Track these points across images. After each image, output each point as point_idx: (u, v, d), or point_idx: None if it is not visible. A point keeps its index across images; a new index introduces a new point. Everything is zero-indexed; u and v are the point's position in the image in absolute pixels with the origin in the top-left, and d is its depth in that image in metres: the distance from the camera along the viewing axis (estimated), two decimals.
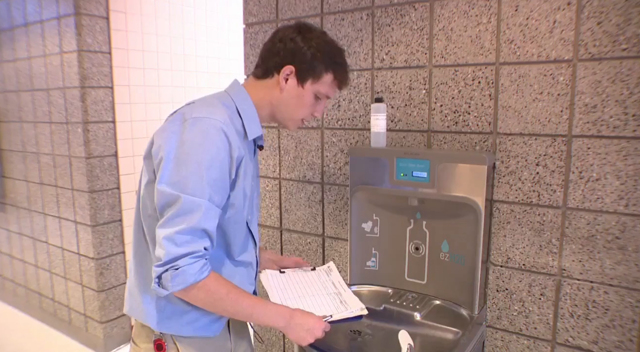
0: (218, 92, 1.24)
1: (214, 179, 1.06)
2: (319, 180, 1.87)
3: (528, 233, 1.46)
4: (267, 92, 1.23)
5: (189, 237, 1.03)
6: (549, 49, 1.36)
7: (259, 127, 1.24)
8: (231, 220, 1.17)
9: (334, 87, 1.25)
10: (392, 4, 1.60)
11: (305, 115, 1.26)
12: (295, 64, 1.18)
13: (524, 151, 1.44)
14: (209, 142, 1.07)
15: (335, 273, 1.52)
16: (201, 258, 1.05)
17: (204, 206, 1.04)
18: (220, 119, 1.10)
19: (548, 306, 1.46)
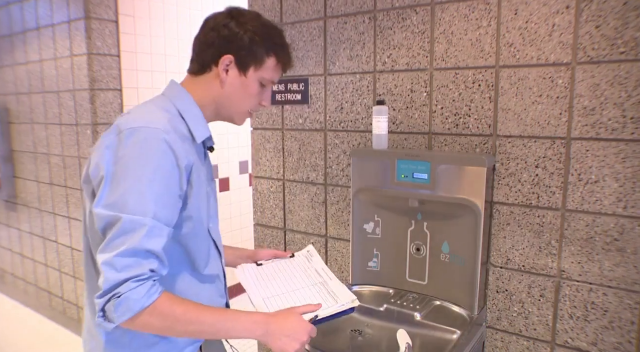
0: (156, 97, 1.15)
1: (158, 194, 0.96)
2: (322, 181, 1.90)
3: (527, 235, 1.47)
4: (207, 88, 1.14)
5: (131, 259, 0.92)
6: (548, 52, 1.37)
7: (207, 128, 1.15)
8: (191, 234, 1.08)
9: (278, 70, 1.17)
10: (393, 7, 1.62)
11: (253, 106, 1.18)
12: (233, 52, 1.09)
13: (524, 153, 1.45)
14: (148, 154, 0.97)
15: (316, 258, 1.42)
16: (147, 280, 0.93)
17: (147, 225, 0.93)
18: (160, 126, 0.99)
19: (547, 307, 1.47)
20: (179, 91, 1.13)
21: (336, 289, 1.25)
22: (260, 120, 2.04)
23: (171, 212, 0.99)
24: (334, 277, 1.32)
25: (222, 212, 3.71)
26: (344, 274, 1.90)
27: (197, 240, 1.10)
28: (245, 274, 1.35)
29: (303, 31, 1.85)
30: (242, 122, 1.22)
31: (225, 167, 3.72)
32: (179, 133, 1.04)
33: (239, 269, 1.37)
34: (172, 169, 0.99)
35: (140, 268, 0.93)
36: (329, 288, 1.26)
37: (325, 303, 1.19)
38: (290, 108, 1.94)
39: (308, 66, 1.86)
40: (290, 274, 1.35)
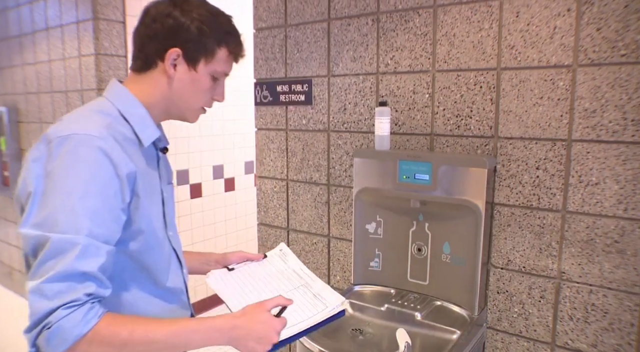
0: (95, 100, 1.05)
1: (94, 209, 0.86)
2: (325, 182, 1.91)
3: (528, 236, 1.48)
4: (154, 85, 1.03)
5: (63, 284, 0.81)
6: (549, 55, 1.38)
7: (155, 129, 1.05)
8: (144, 248, 0.99)
9: (230, 62, 1.09)
10: (396, 9, 1.64)
11: (206, 102, 1.10)
12: (180, 45, 1.00)
13: (525, 155, 1.46)
14: (81, 164, 0.87)
15: (291, 257, 1.31)
16: (82, 305, 0.82)
17: (80, 244, 0.83)
18: (95, 132, 0.90)
19: (548, 308, 1.48)
20: (120, 91, 1.03)
21: (322, 292, 1.15)
22: (264, 120, 2.06)
23: (111, 229, 0.89)
24: (315, 277, 1.22)
25: (227, 212, 3.74)
26: (346, 274, 1.92)
27: (153, 253, 1.01)
28: (218, 281, 1.23)
29: (307, 33, 1.87)
30: (195, 120, 1.12)
31: (230, 167, 3.75)
32: (121, 138, 0.95)
33: (210, 276, 1.25)
34: (110, 180, 0.89)
35: (74, 293, 0.82)
36: (314, 291, 1.17)
37: (315, 308, 1.09)
38: (294, 109, 1.96)
39: (312, 67, 1.88)
40: (267, 277, 1.24)
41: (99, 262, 0.86)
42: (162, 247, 1.05)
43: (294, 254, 1.31)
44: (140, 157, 1.00)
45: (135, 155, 0.98)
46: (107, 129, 0.93)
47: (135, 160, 0.97)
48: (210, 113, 3.61)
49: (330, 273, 1.96)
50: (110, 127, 0.95)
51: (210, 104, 1.12)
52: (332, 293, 1.14)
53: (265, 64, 2.02)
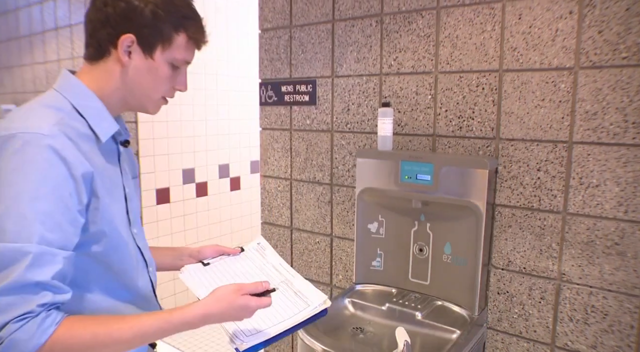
0: (45, 94, 0.96)
1: (46, 213, 0.80)
2: (328, 181, 1.93)
3: (529, 237, 1.49)
4: (108, 75, 0.96)
5: (15, 297, 0.76)
6: (551, 57, 1.39)
7: (112, 122, 0.98)
8: (109, 250, 0.94)
9: (190, 48, 1.01)
10: (400, 11, 1.65)
11: (166, 92, 1.02)
12: (134, 30, 0.93)
13: (526, 156, 1.46)
14: (29, 166, 0.80)
15: (270, 251, 1.25)
16: (34, 316, 0.77)
17: (32, 252, 0.77)
18: (45, 131, 0.83)
19: (548, 309, 1.48)
20: (72, 83, 0.96)
21: (303, 289, 1.11)
22: (269, 120, 2.08)
23: (67, 233, 0.83)
24: (295, 273, 1.17)
25: (233, 211, 3.77)
26: (348, 273, 1.93)
27: (118, 253, 0.97)
28: (192, 277, 1.17)
29: (312, 33, 1.88)
30: (155, 111, 1.05)
31: (236, 166, 3.78)
32: (74, 135, 0.89)
33: (183, 272, 1.19)
34: (64, 180, 0.83)
35: (27, 305, 0.77)
36: (294, 288, 1.12)
37: (296, 307, 1.06)
38: (298, 109, 1.97)
39: (316, 68, 1.89)
40: (245, 273, 1.18)
41: (54, 270, 0.80)
42: (127, 246, 0.99)
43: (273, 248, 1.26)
44: (97, 154, 0.94)
45: (91, 152, 0.92)
46: (58, 126, 0.86)
47: (92, 158, 0.91)
48: (217, 112, 3.63)
49: (332, 272, 1.98)
50: (62, 124, 0.88)
51: (171, 94, 1.05)
52: (314, 291, 1.10)
53: (270, 64, 2.04)
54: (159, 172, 3.21)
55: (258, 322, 1.04)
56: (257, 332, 1.02)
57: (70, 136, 0.87)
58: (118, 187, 1.01)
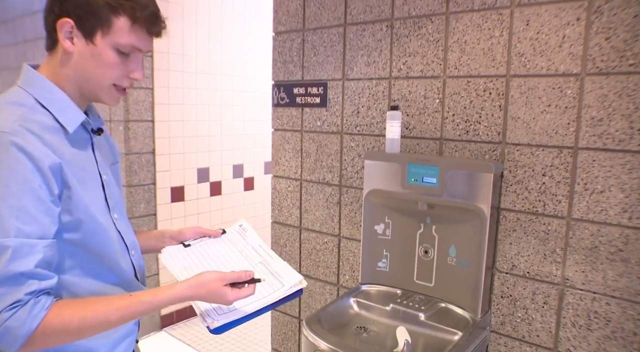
0: (8, 91, 0.97)
1: (19, 208, 0.84)
2: (337, 182, 1.96)
3: (533, 242, 1.50)
4: (59, 64, 0.96)
5: (2, 288, 0.82)
6: (558, 63, 1.40)
7: (78, 112, 0.99)
8: (88, 235, 0.97)
9: (139, 34, 0.96)
10: (410, 16, 1.67)
11: (116, 79, 0.99)
12: (71, 14, 0.91)
13: (531, 161, 1.47)
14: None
15: (250, 233, 1.27)
16: (23, 304, 0.83)
17: (11, 246, 0.82)
18: (5, 128, 0.85)
19: (551, 314, 1.49)
20: (32, 77, 0.96)
21: (280, 270, 1.13)
22: (281, 122, 2.12)
23: (43, 223, 0.87)
24: (274, 255, 1.19)
25: (246, 210, 3.82)
26: (355, 274, 1.96)
27: (98, 238, 1.00)
28: (171, 258, 1.18)
29: (324, 37, 1.92)
30: (113, 102, 1.03)
31: (250, 166, 3.83)
32: (38, 129, 0.90)
33: (163, 252, 1.22)
34: (31, 175, 0.85)
35: (15, 295, 0.82)
36: (271, 269, 1.14)
37: (271, 287, 1.08)
38: (309, 111, 2.01)
39: (327, 71, 1.93)
40: (225, 254, 1.20)
41: (36, 259, 0.85)
42: (106, 231, 1.02)
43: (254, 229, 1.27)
44: (66, 145, 0.95)
45: (59, 144, 0.93)
46: (18, 122, 0.88)
47: (60, 150, 0.92)
48: (232, 113, 3.68)
49: (339, 272, 2.01)
50: (24, 119, 0.89)
51: (125, 83, 1.01)
52: (291, 271, 1.12)
53: (283, 66, 2.08)
54: (174, 171, 3.27)
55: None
56: (229, 310, 1.04)
57: (33, 131, 0.89)
58: (93, 174, 1.03)
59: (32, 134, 0.88)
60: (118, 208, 1.10)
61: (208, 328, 1.03)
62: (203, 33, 3.33)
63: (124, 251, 1.11)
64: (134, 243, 1.17)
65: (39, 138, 0.89)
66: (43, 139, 0.90)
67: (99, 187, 1.04)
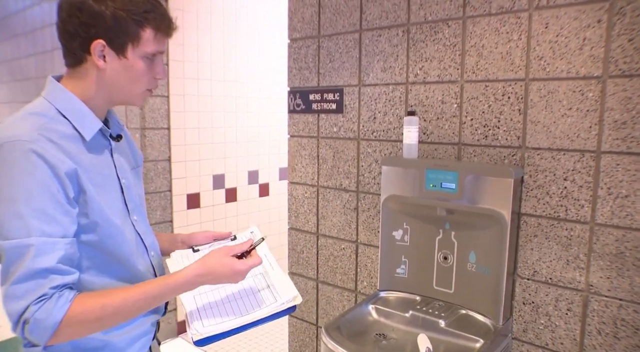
0: (34, 101, 1.05)
1: (40, 209, 0.90)
2: (354, 188, 1.95)
3: (555, 247, 1.47)
4: (89, 79, 1.03)
5: (30, 283, 0.89)
6: (579, 66, 1.38)
7: (96, 121, 1.05)
8: (104, 237, 1.02)
9: (160, 39, 1.06)
10: (426, 21, 1.67)
11: (148, 84, 1.08)
12: (102, 36, 0.99)
13: (552, 166, 1.45)
14: (17, 171, 0.90)
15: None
16: (49, 297, 0.89)
17: (34, 245, 0.89)
18: (25, 137, 0.92)
19: (575, 321, 1.46)
20: (55, 89, 1.04)
21: (277, 283, 1.12)
22: (297, 128, 2.12)
23: (63, 223, 0.93)
24: (276, 265, 1.18)
25: (261, 217, 3.82)
26: (373, 280, 1.95)
27: (114, 240, 1.05)
28: (177, 262, 1.20)
29: (339, 43, 1.92)
30: (141, 103, 1.13)
31: (265, 173, 3.84)
32: (57, 137, 0.96)
33: (172, 256, 1.26)
34: (50, 180, 0.92)
35: (41, 289, 0.89)
36: (269, 280, 1.13)
37: (264, 301, 1.07)
38: (325, 117, 2.01)
39: (343, 77, 1.92)
40: None
41: (58, 255, 0.91)
42: (122, 233, 1.07)
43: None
44: (83, 152, 1.02)
45: (76, 151, 1.00)
46: (38, 131, 0.94)
47: (77, 156, 0.99)
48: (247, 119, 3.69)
49: (357, 279, 2.00)
50: (44, 129, 0.96)
51: (153, 85, 1.10)
52: (288, 286, 1.10)
53: (298, 73, 2.08)
54: (189, 178, 3.29)
55: (221, 311, 1.07)
56: (215, 323, 1.05)
57: (52, 139, 0.95)
58: (111, 179, 1.09)
59: (50, 142, 0.95)
60: (138, 210, 1.16)
61: (192, 339, 1.04)
62: (217, 41, 3.35)
63: (143, 251, 1.15)
64: (154, 244, 1.21)
65: (58, 146, 0.96)
66: (61, 146, 0.97)
67: (117, 191, 1.09)
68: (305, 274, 2.18)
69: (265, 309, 1.05)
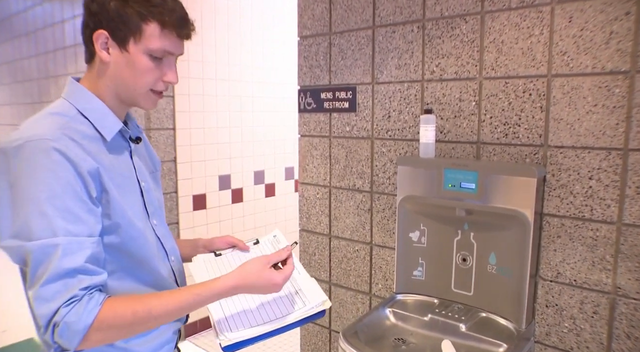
0: (54, 102, 1.02)
1: (64, 209, 0.87)
2: (368, 189, 1.91)
3: (580, 248, 1.43)
4: (98, 75, 1.00)
5: (59, 284, 0.86)
6: (605, 61, 1.33)
7: (116, 121, 1.02)
8: (126, 239, 1.00)
9: (170, 38, 0.99)
10: (442, 16, 1.62)
11: (152, 84, 1.02)
12: (104, 26, 0.95)
13: (576, 164, 1.41)
14: (40, 169, 0.87)
15: (283, 245, 1.23)
16: (79, 299, 0.86)
17: (60, 244, 0.86)
18: (48, 135, 0.89)
19: (601, 325, 1.42)
20: (74, 89, 1.01)
21: (305, 287, 1.09)
22: (307, 127, 2.08)
23: (88, 222, 0.91)
24: (302, 270, 1.15)
25: (267, 217, 3.78)
26: (388, 282, 1.90)
27: (137, 242, 1.02)
28: (200, 267, 1.18)
29: (352, 40, 1.87)
30: (149, 106, 1.06)
31: (271, 173, 3.79)
32: (78, 137, 0.94)
33: (194, 261, 1.24)
34: (74, 178, 0.89)
35: (71, 290, 0.86)
36: (296, 285, 1.10)
37: (292, 306, 1.05)
38: (337, 116, 1.96)
39: (356, 75, 1.88)
40: None
41: (85, 254, 0.88)
42: (144, 236, 1.04)
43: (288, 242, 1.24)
44: (104, 153, 0.99)
45: (98, 151, 0.97)
46: (61, 130, 0.92)
47: (99, 156, 0.96)
48: (252, 119, 3.65)
49: (372, 281, 1.95)
50: (65, 128, 0.93)
51: (161, 87, 1.04)
52: (316, 290, 1.07)
53: (309, 71, 2.04)
54: (195, 178, 3.25)
55: (249, 317, 1.04)
56: (244, 328, 1.01)
57: (74, 138, 0.93)
58: (132, 181, 1.06)
59: (73, 141, 0.92)
60: (157, 215, 1.13)
61: (220, 345, 1.01)
62: (222, 40, 3.31)
63: (164, 256, 1.13)
64: (174, 249, 1.19)
65: (79, 145, 0.93)
66: (83, 146, 0.94)
67: (137, 194, 1.07)
68: (317, 277, 2.14)
69: (294, 314, 1.02)
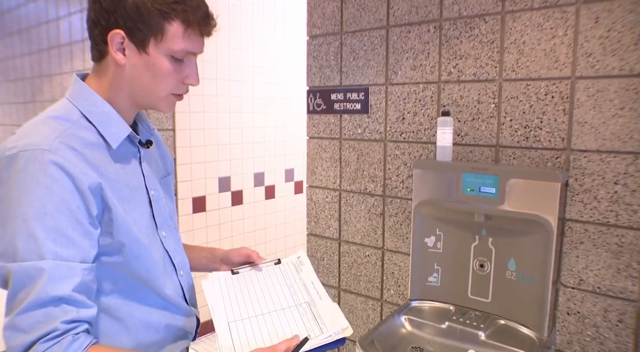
0: (56, 103, 0.93)
1: (55, 230, 0.78)
2: (381, 193, 1.86)
3: (604, 255, 1.40)
4: (110, 76, 0.91)
5: (39, 313, 0.75)
6: (633, 62, 1.30)
7: (123, 126, 0.93)
8: (130, 259, 0.91)
9: (193, 37, 0.91)
10: (461, 16, 1.58)
11: (173, 87, 0.94)
12: (121, 25, 0.86)
13: (601, 169, 1.38)
14: (33, 183, 0.78)
15: (307, 267, 1.17)
16: (61, 336, 0.76)
17: (47, 269, 0.76)
18: (45, 145, 0.80)
19: (627, 334, 1.38)
20: (79, 89, 0.92)
21: (324, 313, 1.02)
22: (317, 129, 2.03)
23: (82, 246, 0.81)
24: (325, 295, 1.08)
25: (267, 219, 3.73)
26: (400, 288, 1.86)
27: (141, 262, 0.93)
28: (215, 287, 1.11)
29: (364, 40, 1.83)
30: (168, 109, 0.98)
31: (271, 175, 3.74)
32: (80, 145, 0.86)
33: (208, 280, 1.14)
34: (71, 195, 0.80)
35: (52, 322, 0.75)
36: (315, 311, 1.03)
37: (308, 333, 0.97)
38: (348, 117, 1.92)
39: (368, 75, 1.83)
40: (271, 289, 1.11)
41: (74, 282, 0.79)
42: (150, 253, 0.95)
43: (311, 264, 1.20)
44: (109, 162, 0.91)
45: (102, 160, 0.89)
46: (60, 139, 0.83)
47: (102, 167, 0.88)
48: (253, 120, 3.59)
49: (383, 287, 1.91)
50: (66, 135, 0.85)
51: (182, 89, 0.96)
52: (337, 316, 1.00)
53: (319, 71, 1.99)
54: (195, 181, 3.18)
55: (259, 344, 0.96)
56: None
57: (74, 147, 0.85)
58: (139, 192, 0.97)
59: (72, 151, 0.84)
60: (167, 225, 1.04)
61: None
62: (222, 39, 3.25)
63: (172, 271, 1.05)
64: (183, 262, 1.10)
65: (81, 155, 0.85)
66: (84, 156, 0.86)
67: (145, 205, 0.98)
68: (325, 282, 2.09)
69: (309, 342, 0.93)
